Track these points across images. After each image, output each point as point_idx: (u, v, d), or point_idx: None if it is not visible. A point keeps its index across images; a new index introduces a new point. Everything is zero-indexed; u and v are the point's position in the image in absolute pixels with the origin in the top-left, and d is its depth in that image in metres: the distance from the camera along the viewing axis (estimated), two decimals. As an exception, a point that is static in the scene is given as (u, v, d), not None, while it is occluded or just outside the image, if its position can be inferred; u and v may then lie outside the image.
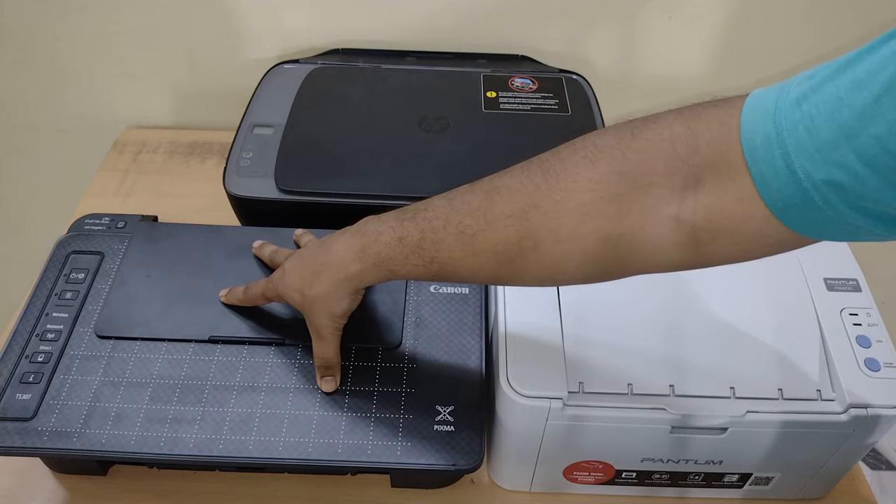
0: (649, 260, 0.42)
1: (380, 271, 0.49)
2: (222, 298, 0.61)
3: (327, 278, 0.51)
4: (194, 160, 0.93)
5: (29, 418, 0.54)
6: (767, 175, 0.36)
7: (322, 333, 0.55)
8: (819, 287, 0.57)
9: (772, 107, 0.36)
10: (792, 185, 0.35)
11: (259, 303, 0.60)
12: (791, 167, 0.35)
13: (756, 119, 0.36)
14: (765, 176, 0.36)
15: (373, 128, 0.77)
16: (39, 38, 0.91)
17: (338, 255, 0.51)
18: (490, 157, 0.74)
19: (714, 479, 0.59)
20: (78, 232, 0.66)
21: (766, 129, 0.36)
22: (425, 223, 0.46)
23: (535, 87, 0.83)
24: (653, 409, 0.52)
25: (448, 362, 0.58)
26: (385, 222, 0.49)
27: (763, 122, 0.36)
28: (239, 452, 0.53)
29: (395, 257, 0.48)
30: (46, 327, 0.59)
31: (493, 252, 0.44)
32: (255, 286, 0.59)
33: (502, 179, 0.45)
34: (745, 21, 0.88)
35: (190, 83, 0.96)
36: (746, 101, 0.38)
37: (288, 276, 0.55)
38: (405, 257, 0.47)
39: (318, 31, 0.91)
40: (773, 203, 0.36)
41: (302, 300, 0.53)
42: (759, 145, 0.36)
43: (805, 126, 0.34)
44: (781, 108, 0.35)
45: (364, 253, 0.49)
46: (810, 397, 0.52)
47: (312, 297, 0.53)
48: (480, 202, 0.44)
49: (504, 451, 0.58)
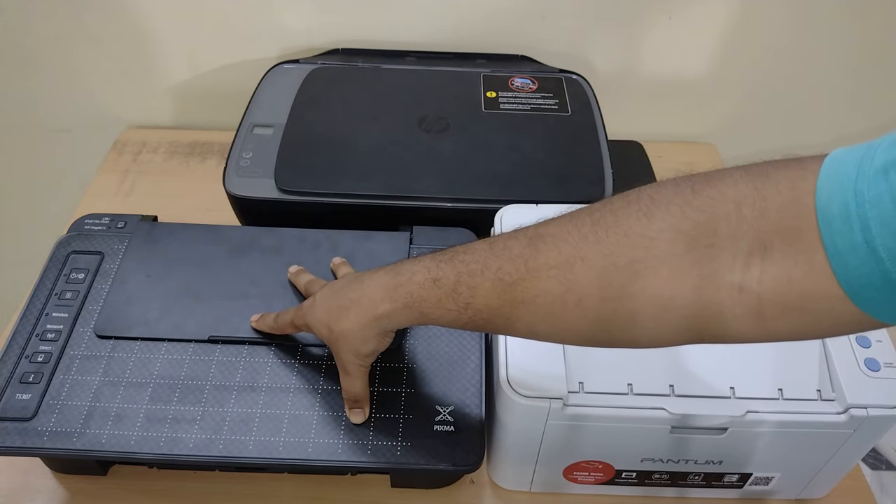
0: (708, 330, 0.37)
1: (411, 313, 0.46)
2: (253, 324, 0.60)
3: (355, 316, 0.49)
4: (194, 160, 0.93)
5: (29, 418, 0.54)
6: (843, 250, 0.32)
7: (348, 370, 0.53)
8: (819, 287, 0.57)
9: (853, 172, 0.32)
10: (871, 263, 0.31)
11: (288, 331, 0.58)
12: (871, 244, 0.31)
13: (834, 185, 0.33)
14: (840, 251, 0.32)
15: (373, 128, 0.77)
16: (39, 38, 0.91)
17: (368, 293, 0.48)
18: (490, 157, 0.74)
19: (714, 479, 0.59)
20: (78, 232, 0.66)
21: (844, 197, 0.32)
22: (462, 266, 0.44)
23: (535, 87, 0.84)
24: (653, 409, 0.52)
25: (448, 362, 0.58)
26: (420, 262, 0.46)
27: (842, 189, 0.32)
28: (239, 452, 0.53)
29: (427, 299, 0.45)
30: (46, 327, 0.59)
31: (532, 304, 0.41)
32: (285, 314, 0.57)
33: (548, 227, 0.41)
34: (745, 21, 0.88)
35: (190, 83, 0.96)
36: (825, 162, 0.34)
37: (317, 307, 0.52)
38: (438, 300, 0.44)
39: (318, 31, 0.91)
40: (848, 282, 0.32)
41: (328, 335, 0.51)
42: (837, 215, 0.32)
43: (892, 199, 0.30)
44: (865, 174, 0.32)
45: (395, 292, 0.46)
46: (810, 397, 0.52)
47: (339, 333, 0.50)
48: (522, 249, 0.41)
49: (504, 451, 0.58)
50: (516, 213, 0.63)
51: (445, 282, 0.44)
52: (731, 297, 0.36)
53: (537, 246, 0.41)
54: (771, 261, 0.34)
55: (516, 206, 0.64)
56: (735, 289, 0.35)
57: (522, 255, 0.41)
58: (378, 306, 0.47)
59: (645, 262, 0.37)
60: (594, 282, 0.38)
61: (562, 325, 0.41)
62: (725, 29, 0.89)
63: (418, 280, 0.45)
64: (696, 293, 0.36)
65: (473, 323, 0.44)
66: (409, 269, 0.46)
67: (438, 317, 0.45)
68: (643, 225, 0.37)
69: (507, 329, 0.44)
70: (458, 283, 0.43)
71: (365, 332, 0.49)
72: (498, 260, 0.42)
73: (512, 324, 0.43)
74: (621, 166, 0.74)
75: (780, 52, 0.91)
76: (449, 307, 0.44)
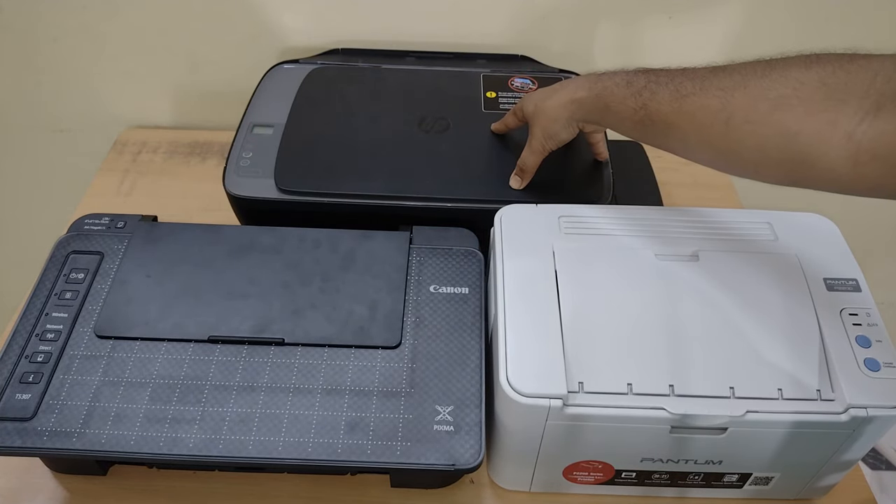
0: (813, 165, 0.44)
1: (598, 103, 0.59)
2: (493, 128, 0.75)
3: (559, 96, 0.62)
4: (194, 160, 0.93)
5: (29, 418, 0.54)
6: None
7: (533, 145, 0.66)
8: (819, 287, 0.57)
9: None
10: None
11: (509, 122, 0.72)
12: None
13: None
14: None
15: (373, 128, 0.77)
16: (39, 38, 0.91)
17: (574, 83, 0.62)
18: (490, 157, 0.74)
19: (714, 479, 0.59)
20: (78, 232, 0.66)
21: None
22: (653, 76, 0.55)
23: (535, 87, 0.83)
24: (653, 408, 0.52)
25: (448, 362, 0.58)
26: (623, 70, 0.58)
27: None
28: (238, 452, 0.53)
29: (616, 94, 0.57)
30: (46, 327, 0.59)
31: (692, 115, 0.50)
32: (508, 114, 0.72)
33: (736, 63, 0.50)
34: (745, 21, 0.88)
35: (190, 83, 0.96)
36: None
37: (535, 92, 0.67)
38: (624, 98, 0.56)
39: (318, 31, 0.91)
40: None
41: (533, 109, 0.65)
42: None
43: None
44: None
45: (594, 84, 0.59)
46: (810, 397, 0.52)
47: (541, 107, 0.64)
48: (706, 73, 0.51)
49: (504, 451, 0.58)
50: (516, 213, 0.63)
51: (636, 85, 0.55)
52: (839, 143, 0.43)
53: (717, 72, 0.51)
54: (879, 118, 0.41)
55: (516, 206, 0.64)
56: (845, 136, 0.42)
57: (703, 76, 0.51)
58: (577, 91, 0.61)
59: (789, 99, 0.45)
60: (745, 105, 0.47)
61: (706, 140, 0.50)
62: (725, 29, 0.89)
63: (615, 80, 0.58)
64: (816, 133, 0.44)
65: (641, 125, 0.55)
66: (610, 73, 0.59)
67: (617, 111, 0.57)
68: (801, 72, 0.46)
69: (663, 136, 0.54)
70: (646, 87, 0.54)
71: (560, 111, 0.63)
72: (682, 77, 0.52)
73: (669, 131, 0.53)
74: (621, 166, 0.74)
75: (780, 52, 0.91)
76: (630, 105, 0.55)
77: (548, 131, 0.64)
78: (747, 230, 0.62)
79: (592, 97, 0.59)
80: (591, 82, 0.60)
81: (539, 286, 0.57)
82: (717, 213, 0.63)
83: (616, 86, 0.57)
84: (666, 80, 0.53)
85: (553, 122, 0.63)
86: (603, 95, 0.58)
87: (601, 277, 0.57)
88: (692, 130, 0.51)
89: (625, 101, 0.56)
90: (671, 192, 0.87)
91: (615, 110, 0.57)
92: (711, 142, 0.50)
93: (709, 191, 0.90)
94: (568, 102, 0.62)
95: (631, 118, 0.56)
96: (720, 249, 0.59)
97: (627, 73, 0.57)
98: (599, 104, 0.59)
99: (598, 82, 0.59)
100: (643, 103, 0.54)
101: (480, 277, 0.63)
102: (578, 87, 0.61)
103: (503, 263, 0.59)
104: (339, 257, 0.64)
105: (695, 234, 0.61)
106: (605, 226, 0.62)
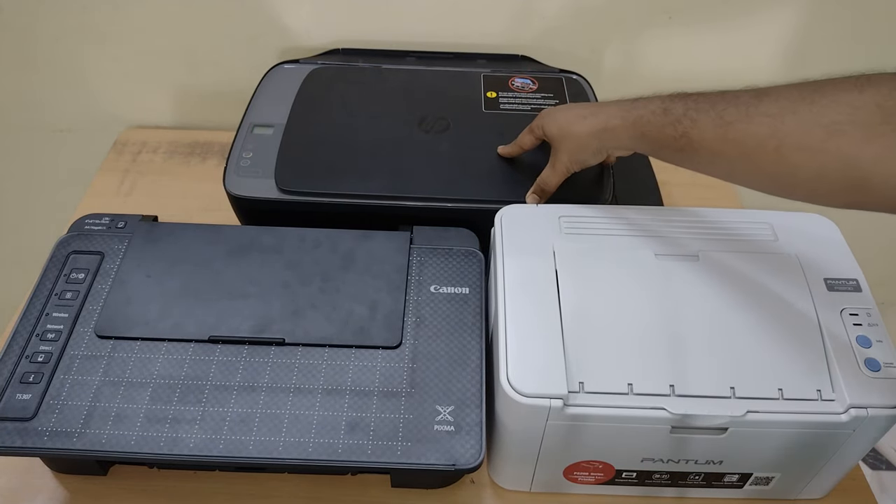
0: (874, 191, 0.43)
1: (634, 131, 0.56)
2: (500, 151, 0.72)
3: (589, 124, 0.60)
4: (194, 160, 0.93)
5: (29, 418, 0.54)
6: None
7: (557, 167, 0.64)
8: (819, 287, 0.57)
9: None
10: None
11: (525, 143, 0.69)
12: None
13: None
14: None
15: (373, 128, 0.77)
16: (39, 38, 0.91)
17: (606, 109, 0.59)
18: (490, 158, 0.74)
19: (714, 479, 0.59)
20: (78, 232, 0.66)
21: None
22: (692, 103, 0.53)
23: (535, 87, 0.84)
24: (653, 408, 0.52)
25: (448, 362, 0.58)
26: (656, 97, 0.56)
27: None
28: (239, 452, 0.53)
29: (653, 123, 0.55)
30: (46, 327, 0.59)
31: (739, 143, 0.49)
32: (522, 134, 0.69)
33: (776, 87, 0.49)
34: (745, 21, 0.88)
35: (190, 83, 0.96)
36: None
37: (558, 112, 0.64)
38: (662, 126, 0.54)
39: (318, 31, 0.91)
40: None
41: (559, 132, 0.63)
42: None
43: None
44: None
45: (629, 113, 0.57)
46: (810, 397, 0.52)
47: (569, 133, 0.62)
48: (749, 98, 0.49)
49: (504, 451, 0.58)
50: (516, 213, 0.63)
51: (674, 112, 0.53)
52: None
53: (761, 98, 0.49)
54: None
55: (516, 206, 0.64)
56: None
57: (747, 102, 0.49)
58: (610, 120, 0.59)
59: (844, 125, 0.44)
60: (796, 132, 0.46)
61: (756, 167, 0.49)
62: (726, 29, 0.89)
63: (651, 108, 0.55)
64: (877, 159, 0.42)
65: (682, 153, 0.53)
66: (643, 100, 0.57)
67: (654, 138, 0.55)
68: (853, 96, 0.44)
69: (708, 164, 0.53)
70: (685, 115, 0.52)
71: (590, 140, 0.60)
72: (724, 102, 0.51)
73: (715, 159, 0.51)
74: (621, 166, 0.74)
75: (780, 51, 0.91)
76: (669, 133, 0.53)
77: (576, 158, 0.63)
78: (747, 230, 0.62)
79: (627, 126, 0.57)
80: (625, 110, 0.58)
81: (539, 286, 0.57)
82: (718, 213, 0.63)
83: (652, 114, 0.55)
84: (707, 107, 0.51)
85: (582, 149, 0.62)
86: (639, 124, 0.56)
87: (601, 277, 0.57)
88: (739, 158, 0.49)
89: (663, 129, 0.54)
90: (671, 192, 0.87)
91: (652, 138, 0.55)
92: (762, 168, 0.49)
93: (709, 191, 0.90)
94: (600, 131, 0.59)
95: (671, 146, 0.54)
96: (720, 249, 0.60)
97: (663, 100, 0.55)
98: (635, 133, 0.57)
99: (633, 110, 0.57)
100: (684, 131, 0.52)
101: (481, 277, 0.63)
102: (611, 115, 0.59)
103: (503, 263, 0.59)
104: (340, 257, 0.64)
105: (695, 234, 0.61)
106: (605, 226, 0.62)
